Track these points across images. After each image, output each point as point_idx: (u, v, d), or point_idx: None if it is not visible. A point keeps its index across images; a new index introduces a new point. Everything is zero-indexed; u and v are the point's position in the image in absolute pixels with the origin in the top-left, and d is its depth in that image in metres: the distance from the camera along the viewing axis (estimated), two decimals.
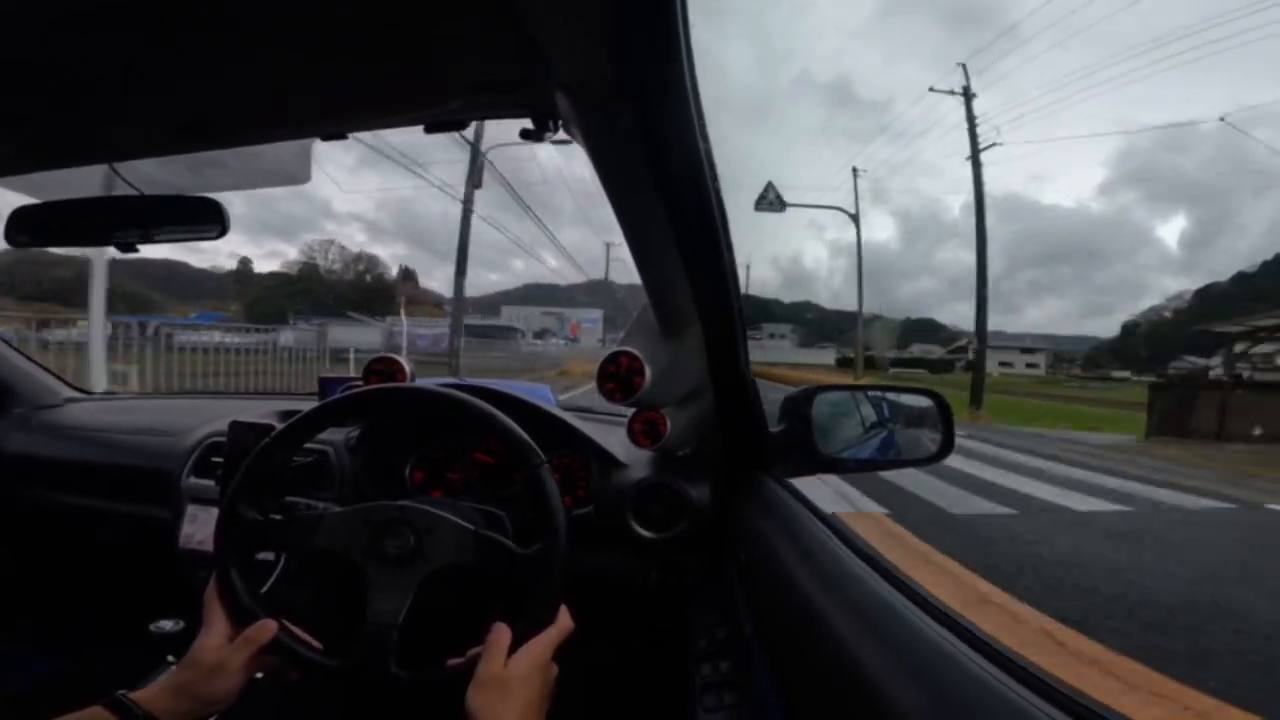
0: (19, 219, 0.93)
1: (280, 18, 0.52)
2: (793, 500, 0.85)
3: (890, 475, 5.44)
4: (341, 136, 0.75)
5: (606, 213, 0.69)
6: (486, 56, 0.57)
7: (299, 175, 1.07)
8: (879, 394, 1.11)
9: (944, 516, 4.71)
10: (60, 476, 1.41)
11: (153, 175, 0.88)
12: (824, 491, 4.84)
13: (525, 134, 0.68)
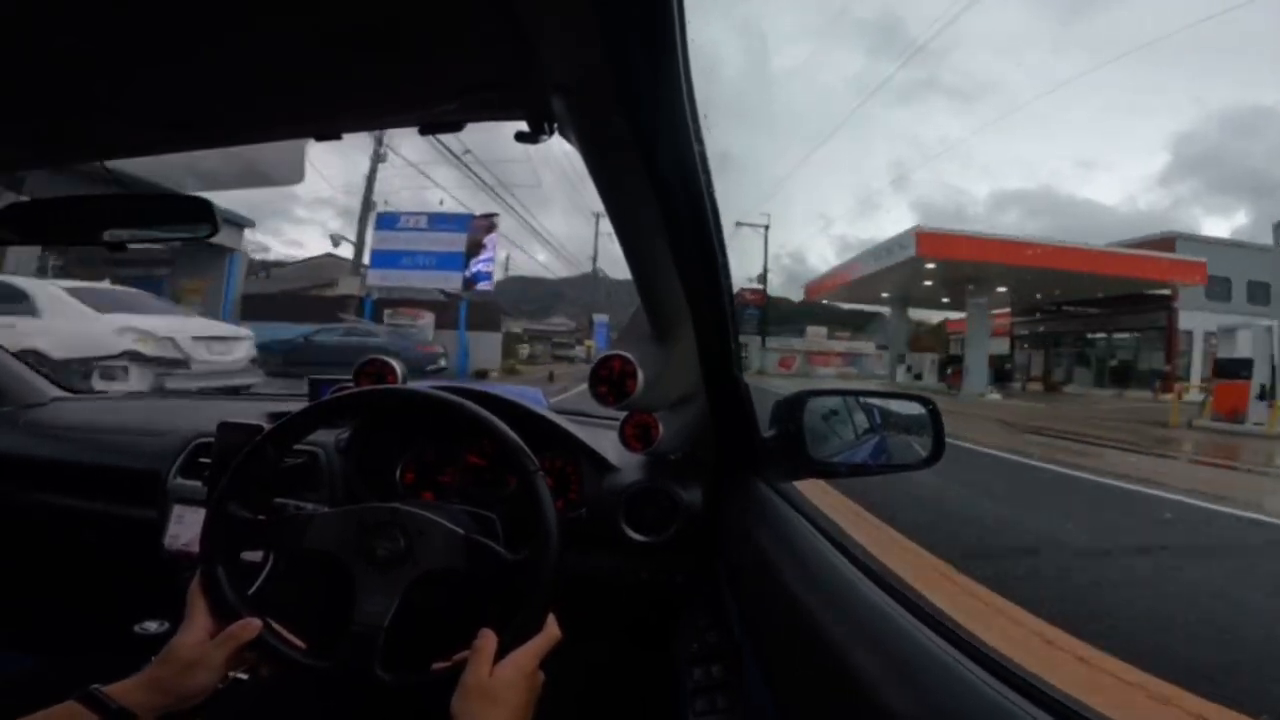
0: (8, 216, 0.92)
1: (275, 17, 0.52)
2: (785, 504, 0.85)
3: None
4: (336, 137, 0.75)
5: (596, 202, 0.68)
6: (481, 57, 0.57)
7: (292, 176, 1.07)
8: (871, 400, 1.12)
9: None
10: (46, 476, 1.39)
11: (143, 174, 0.87)
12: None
13: (520, 136, 0.67)
